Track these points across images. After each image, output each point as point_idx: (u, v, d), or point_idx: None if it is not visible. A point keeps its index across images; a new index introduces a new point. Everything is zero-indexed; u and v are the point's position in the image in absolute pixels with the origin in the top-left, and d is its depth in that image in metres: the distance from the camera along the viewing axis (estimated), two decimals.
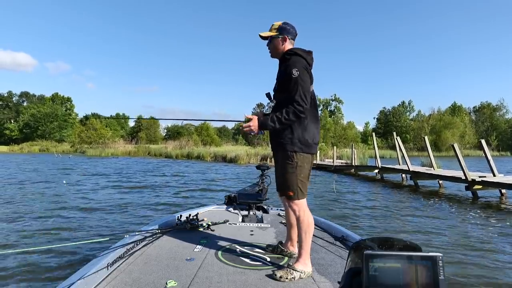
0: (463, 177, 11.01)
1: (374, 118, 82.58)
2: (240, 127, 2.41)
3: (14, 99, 76.04)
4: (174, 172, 18.62)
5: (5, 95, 75.00)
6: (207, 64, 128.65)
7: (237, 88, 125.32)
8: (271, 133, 2.50)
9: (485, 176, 11.08)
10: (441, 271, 0.92)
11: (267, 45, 2.59)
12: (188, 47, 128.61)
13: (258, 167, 4.77)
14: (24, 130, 64.51)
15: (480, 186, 10.69)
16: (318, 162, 23.96)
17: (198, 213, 3.74)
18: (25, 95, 76.88)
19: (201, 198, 9.83)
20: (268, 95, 2.60)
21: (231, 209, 4.26)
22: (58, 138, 61.58)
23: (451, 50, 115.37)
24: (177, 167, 22.93)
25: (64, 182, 8.81)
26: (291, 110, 2.28)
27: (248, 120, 2.43)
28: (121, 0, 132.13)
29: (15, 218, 6.67)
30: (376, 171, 17.01)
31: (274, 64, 2.88)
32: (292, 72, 2.30)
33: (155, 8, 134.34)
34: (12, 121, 69.20)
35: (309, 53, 2.49)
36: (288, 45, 2.52)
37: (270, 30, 2.54)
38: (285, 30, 2.51)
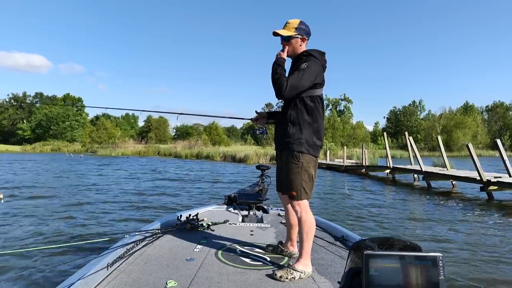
0: (478, 178, 10.74)
1: (384, 117, 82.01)
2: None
3: (28, 100, 77.52)
4: (181, 172, 18.73)
5: (20, 95, 76.63)
6: (214, 65, 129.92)
7: (245, 89, 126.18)
8: (277, 132, 2.49)
9: (500, 177, 10.80)
10: (441, 271, 0.91)
11: (282, 43, 2.48)
12: (196, 49, 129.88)
13: (258, 167, 4.76)
14: (36, 130, 65.64)
15: (496, 187, 10.42)
16: (328, 162, 23.84)
17: (198, 213, 3.73)
18: (39, 95, 78.42)
19: (207, 198, 9.82)
20: None
21: (231, 209, 4.24)
22: (70, 138, 62.47)
23: (463, 49, 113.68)
24: (186, 166, 23.08)
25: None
26: (279, 82, 2.27)
27: (257, 118, 2.73)
28: (132, 4, 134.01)
29: (15, 218, 6.72)
30: (388, 171, 16.76)
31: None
32: (301, 65, 2.30)
33: (162, 11, 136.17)
34: (25, 121, 70.45)
35: (323, 54, 2.46)
36: (304, 46, 2.48)
37: (287, 28, 2.44)
38: (303, 31, 2.45)
